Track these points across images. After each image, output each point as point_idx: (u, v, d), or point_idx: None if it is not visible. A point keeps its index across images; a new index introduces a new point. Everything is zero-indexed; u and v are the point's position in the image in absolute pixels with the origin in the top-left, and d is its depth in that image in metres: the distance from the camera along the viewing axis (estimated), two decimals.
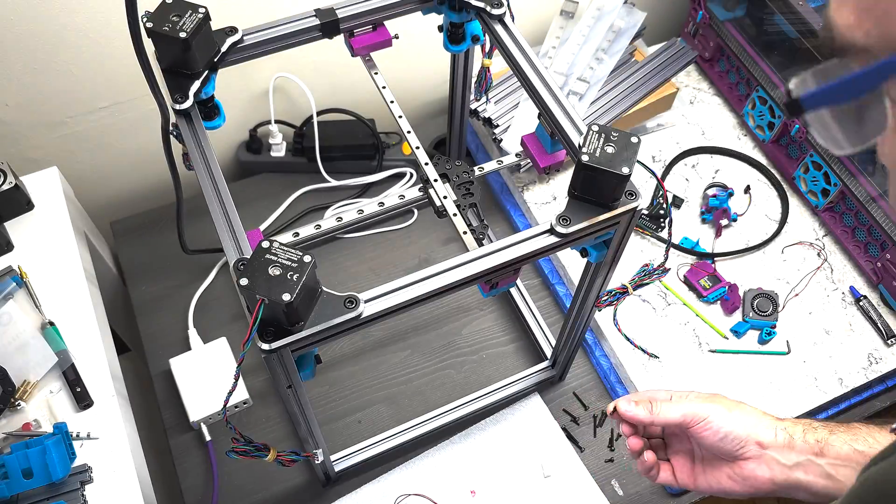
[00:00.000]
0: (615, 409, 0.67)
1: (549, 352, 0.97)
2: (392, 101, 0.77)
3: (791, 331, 0.97)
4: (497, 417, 0.94)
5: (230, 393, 0.58)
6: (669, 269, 0.72)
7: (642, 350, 0.94)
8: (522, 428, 0.94)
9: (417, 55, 1.17)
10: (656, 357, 0.94)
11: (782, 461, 0.63)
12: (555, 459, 0.91)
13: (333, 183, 1.12)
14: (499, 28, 0.75)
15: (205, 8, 0.66)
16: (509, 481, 0.90)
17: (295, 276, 0.52)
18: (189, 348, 0.97)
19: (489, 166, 0.78)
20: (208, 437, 0.91)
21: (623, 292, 0.71)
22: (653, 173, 0.68)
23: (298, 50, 0.76)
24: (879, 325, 0.97)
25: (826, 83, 0.30)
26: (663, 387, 0.92)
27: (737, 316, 0.98)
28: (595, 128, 0.60)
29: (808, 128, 0.37)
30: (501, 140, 1.08)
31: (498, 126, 1.08)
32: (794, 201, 1.09)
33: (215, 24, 0.69)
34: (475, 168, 0.75)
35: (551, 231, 0.61)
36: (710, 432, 0.64)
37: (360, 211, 0.75)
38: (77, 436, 0.79)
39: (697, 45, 1.23)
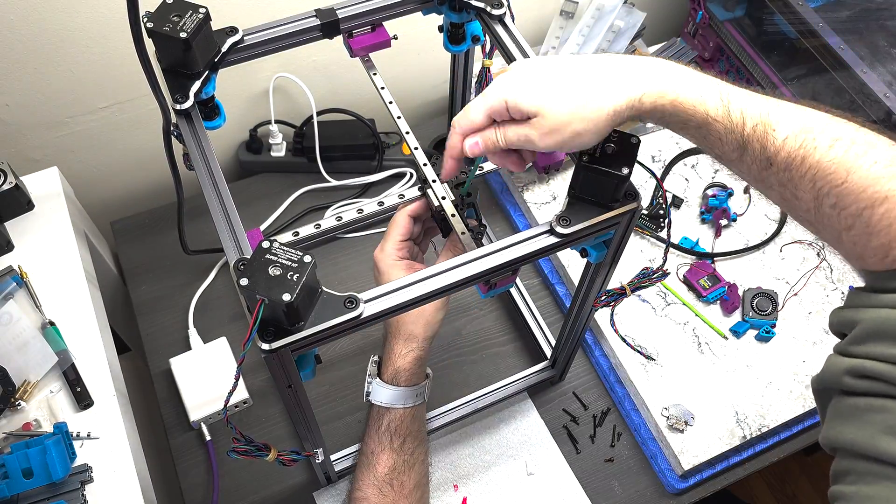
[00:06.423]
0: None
1: (548, 352, 0.97)
2: (391, 102, 0.77)
3: (791, 331, 0.97)
4: (484, 414, 0.94)
5: (231, 392, 0.58)
6: (669, 272, 0.72)
7: (639, 352, 0.94)
8: (510, 427, 0.94)
9: (417, 55, 1.18)
10: (653, 359, 0.94)
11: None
12: (540, 459, 0.92)
13: (333, 183, 1.12)
14: (499, 28, 0.75)
15: (205, 8, 0.66)
16: (494, 478, 0.90)
17: (295, 276, 0.52)
18: (189, 348, 0.97)
19: (488, 166, 0.78)
20: (208, 437, 0.91)
21: (621, 293, 0.71)
22: (652, 173, 0.68)
23: (298, 50, 0.76)
24: None
25: None
26: (663, 388, 0.92)
27: (736, 316, 0.98)
28: None
29: None
30: None
31: None
32: None
33: (215, 24, 0.69)
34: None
35: (551, 231, 0.61)
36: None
37: (360, 211, 0.75)
38: (77, 435, 0.79)
39: (697, 45, 1.23)
